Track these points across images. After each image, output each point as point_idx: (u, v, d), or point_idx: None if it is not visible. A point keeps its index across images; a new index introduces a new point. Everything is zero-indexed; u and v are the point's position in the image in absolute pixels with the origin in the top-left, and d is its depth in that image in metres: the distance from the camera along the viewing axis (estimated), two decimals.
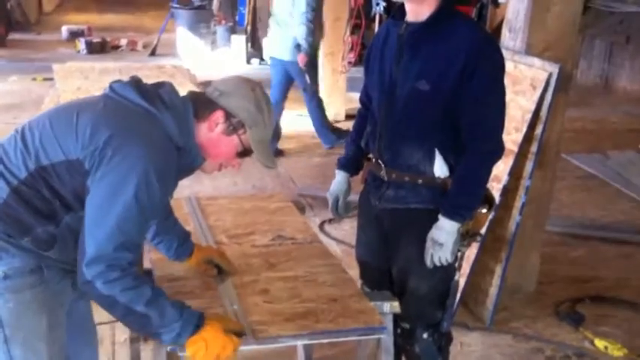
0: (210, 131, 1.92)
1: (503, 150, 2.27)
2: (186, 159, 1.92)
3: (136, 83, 1.92)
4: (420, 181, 2.27)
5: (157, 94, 1.89)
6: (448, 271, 2.32)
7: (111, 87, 1.91)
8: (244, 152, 1.97)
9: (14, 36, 11.51)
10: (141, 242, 1.89)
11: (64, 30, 11.89)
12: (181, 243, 2.25)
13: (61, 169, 1.79)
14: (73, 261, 1.80)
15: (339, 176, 2.56)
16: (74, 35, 11.52)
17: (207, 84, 1.92)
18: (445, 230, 2.21)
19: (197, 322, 1.80)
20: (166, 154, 1.82)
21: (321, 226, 4.56)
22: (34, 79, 8.08)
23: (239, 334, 1.85)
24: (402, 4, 2.24)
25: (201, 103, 1.93)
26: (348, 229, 4.39)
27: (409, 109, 2.23)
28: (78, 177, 1.78)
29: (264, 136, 1.97)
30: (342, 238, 4.37)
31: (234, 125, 1.91)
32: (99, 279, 1.73)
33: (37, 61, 9.46)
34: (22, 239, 1.83)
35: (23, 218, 1.81)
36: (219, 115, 1.91)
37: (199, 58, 10.20)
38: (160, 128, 1.84)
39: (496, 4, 7.90)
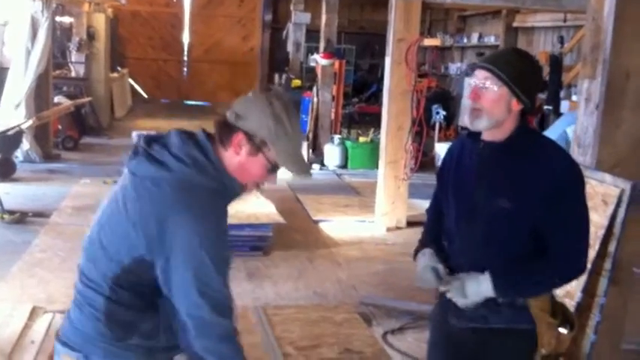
0: (237, 155, 1.92)
1: (584, 271, 2.23)
2: (229, 192, 1.95)
3: (146, 154, 1.91)
4: (501, 300, 2.21)
5: (170, 154, 1.89)
6: None
7: (130, 172, 1.92)
8: (274, 168, 1.95)
9: (87, 140, 12.00)
10: (227, 302, 1.87)
11: (134, 135, 12.34)
12: None
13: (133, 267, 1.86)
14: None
15: (429, 251, 2.35)
16: None
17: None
18: (480, 286, 2.16)
19: None
20: (213, 210, 1.87)
21: (384, 336, 4.46)
22: (105, 182, 8.31)
23: None
24: None
25: (223, 130, 1.94)
26: (411, 340, 4.28)
27: (491, 227, 2.21)
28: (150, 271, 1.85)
29: (290, 148, 1.93)
30: (405, 349, 4.26)
31: (257, 145, 1.90)
32: (210, 354, 1.80)
33: (108, 165, 9.81)
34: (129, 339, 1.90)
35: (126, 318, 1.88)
36: (240, 139, 1.91)
37: None
38: (196, 187, 1.86)
39: (557, 115, 7.93)
